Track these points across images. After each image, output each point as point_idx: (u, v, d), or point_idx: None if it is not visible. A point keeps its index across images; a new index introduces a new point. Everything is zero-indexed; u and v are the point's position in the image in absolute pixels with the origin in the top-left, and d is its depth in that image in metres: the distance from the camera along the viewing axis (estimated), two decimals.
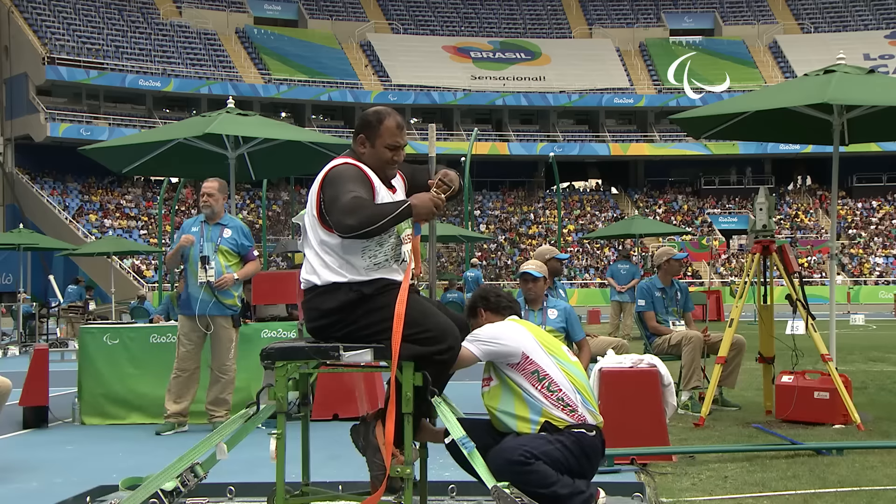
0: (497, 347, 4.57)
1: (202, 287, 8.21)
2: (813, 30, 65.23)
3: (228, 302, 8.32)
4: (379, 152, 4.41)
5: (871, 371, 12.09)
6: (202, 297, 8.22)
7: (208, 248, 8.29)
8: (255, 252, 8.55)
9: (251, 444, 4.77)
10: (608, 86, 60.70)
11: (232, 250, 8.35)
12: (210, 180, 8.47)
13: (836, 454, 6.49)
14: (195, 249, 8.29)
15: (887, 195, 59.63)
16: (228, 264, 8.32)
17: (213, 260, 8.23)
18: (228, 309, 8.32)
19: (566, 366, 4.66)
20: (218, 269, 8.24)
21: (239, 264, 8.41)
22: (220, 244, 8.32)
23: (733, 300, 9.01)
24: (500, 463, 4.40)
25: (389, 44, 61.55)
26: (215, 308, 8.24)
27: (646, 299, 9.26)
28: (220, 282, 8.22)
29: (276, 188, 52.94)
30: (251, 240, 8.52)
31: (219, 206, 8.39)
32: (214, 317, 8.24)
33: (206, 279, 8.19)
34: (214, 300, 8.22)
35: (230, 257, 8.35)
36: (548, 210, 58.60)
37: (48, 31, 53.75)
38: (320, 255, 4.36)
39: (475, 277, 23.72)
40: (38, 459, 7.17)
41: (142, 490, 4.37)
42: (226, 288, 8.26)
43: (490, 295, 4.89)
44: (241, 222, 8.60)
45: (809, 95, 7.96)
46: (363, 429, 4.41)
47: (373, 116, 4.45)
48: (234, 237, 8.36)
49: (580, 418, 4.58)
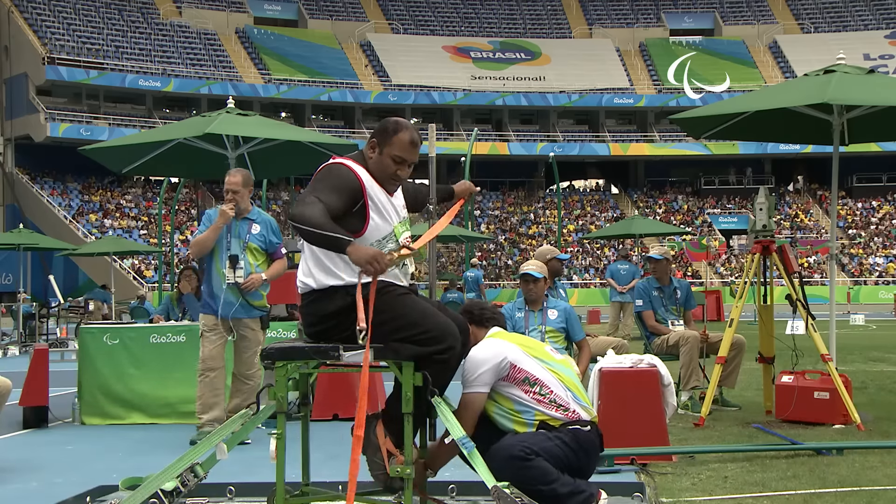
0: (490, 368, 4.60)
1: (228, 288, 7.56)
2: (813, 30, 65.22)
3: (257, 304, 7.71)
4: (384, 162, 4.37)
5: (871, 371, 12.09)
6: (227, 297, 7.55)
7: (236, 246, 7.63)
8: (284, 249, 7.91)
9: (251, 444, 4.77)
10: (608, 86, 60.70)
11: (260, 248, 7.73)
12: (233, 173, 7.77)
13: (836, 454, 6.49)
14: (222, 247, 7.61)
15: (887, 195, 59.62)
16: (257, 263, 7.69)
17: (242, 259, 7.59)
18: (257, 310, 7.72)
19: (553, 366, 4.71)
20: (247, 269, 7.60)
21: (267, 262, 7.80)
22: (248, 241, 7.66)
23: (733, 300, 9.01)
24: (500, 459, 4.42)
25: (389, 44, 61.55)
26: (242, 310, 7.62)
27: (643, 299, 9.27)
28: (248, 283, 7.58)
29: (276, 188, 52.93)
30: (279, 236, 7.90)
31: (245, 202, 7.72)
32: (240, 320, 7.63)
33: (234, 280, 7.55)
34: (241, 301, 7.59)
35: (258, 255, 7.72)
36: (548, 210, 58.60)
37: (48, 31, 53.75)
38: (317, 256, 4.35)
39: (475, 277, 23.72)
40: (38, 459, 7.17)
41: (142, 490, 4.37)
42: (254, 289, 7.64)
43: (474, 308, 4.94)
44: (269, 217, 7.95)
45: (809, 95, 7.96)
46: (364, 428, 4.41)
47: (391, 125, 4.40)
48: (262, 233, 7.73)
49: (574, 415, 4.63)
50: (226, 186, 7.65)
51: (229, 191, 7.63)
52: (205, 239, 7.62)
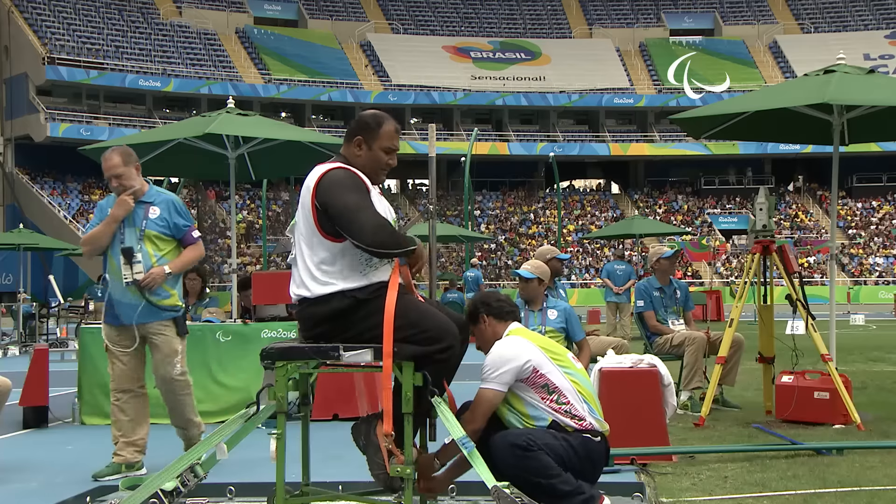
0: (512, 368, 4.59)
1: (127, 288, 6.30)
2: (813, 30, 65.22)
3: (164, 303, 6.38)
4: (376, 155, 4.42)
5: (871, 371, 12.09)
6: (127, 300, 6.32)
7: (131, 237, 6.34)
8: (197, 232, 6.57)
9: (251, 444, 4.77)
10: (608, 86, 60.70)
11: (163, 234, 6.39)
12: (107, 156, 6.37)
13: (836, 454, 6.49)
14: (115, 241, 6.36)
15: (887, 195, 59.63)
16: (161, 254, 6.36)
17: (138, 251, 6.29)
18: (165, 311, 6.40)
19: (573, 374, 4.69)
20: (146, 262, 6.29)
21: (175, 251, 6.45)
22: (146, 228, 6.36)
23: (733, 300, 9.01)
24: (502, 447, 4.43)
25: (389, 44, 61.54)
26: (147, 314, 6.33)
27: (644, 300, 9.27)
28: (148, 279, 6.25)
29: (276, 188, 52.92)
30: (188, 217, 6.56)
31: (134, 181, 6.36)
32: (147, 325, 6.37)
33: (131, 277, 6.25)
34: (144, 303, 6.30)
35: (161, 244, 6.38)
36: (548, 210, 58.60)
37: (48, 31, 53.75)
38: (310, 269, 4.33)
39: (475, 277, 23.73)
40: (38, 459, 7.17)
41: (142, 490, 4.38)
42: (156, 286, 6.30)
43: (492, 300, 4.89)
44: (172, 195, 6.59)
45: (809, 95, 7.96)
46: (364, 428, 4.42)
47: (371, 119, 4.46)
48: (163, 217, 6.39)
49: (587, 426, 4.62)
50: (105, 174, 6.40)
51: (111, 177, 6.35)
52: (96, 235, 6.40)
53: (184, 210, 6.51)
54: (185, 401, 6.55)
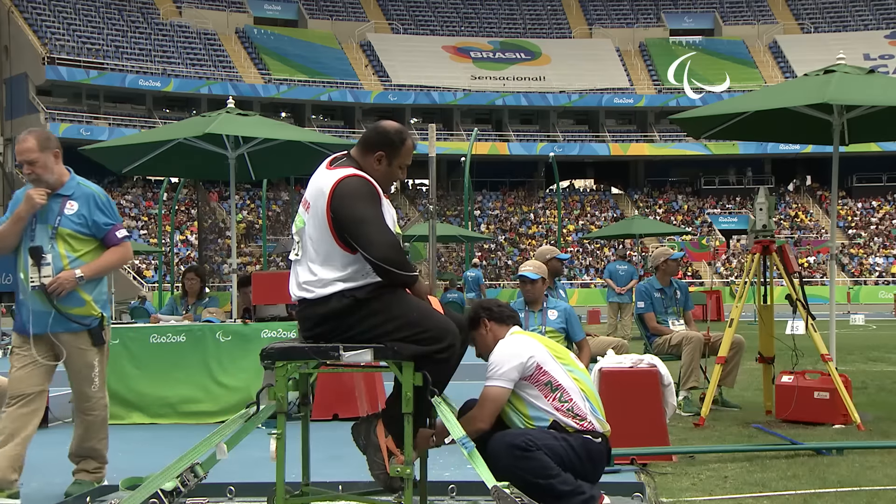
0: (516, 365, 4.60)
1: (34, 293, 5.45)
2: (813, 30, 65.22)
3: (74, 311, 5.51)
4: (394, 172, 4.44)
5: (871, 371, 12.09)
6: (36, 307, 5.47)
7: (42, 235, 5.50)
8: (123, 232, 5.70)
9: (251, 444, 4.77)
10: (608, 86, 60.69)
11: (80, 233, 5.53)
12: (22, 138, 5.51)
13: (836, 454, 6.49)
14: (26, 238, 5.52)
15: (887, 195, 59.62)
16: (76, 255, 5.51)
17: (48, 251, 5.46)
18: (76, 323, 5.54)
19: (576, 374, 4.71)
20: (56, 265, 5.45)
21: (95, 253, 5.58)
22: (59, 225, 5.51)
23: (733, 300, 9.02)
24: (501, 446, 4.43)
25: (389, 44, 61.53)
26: (57, 323, 5.49)
27: (645, 301, 9.27)
28: (54, 284, 5.40)
29: (276, 188, 52.89)
30: (113, 213, 5.67)
31: (51, 171, 5.51)
32: (59, 335, 5.55)
33: (38, 281, 5.42)
34: (54, 313, 5.46)
35: (78, 244, 5.53)
36: (548, 210, 58.60)
37: (48, 31, 53.75)
38: (313, 270, 4.32)
39: (475, 277, 23.73)
40: (38, 459, 7.16)
41: (142, 490, 4.38)
42: (64, 292, 5.44)
43: (493, 306, 4.95)
44: (96, 188, 5.69)
45: (809, 95, 7.96)
46: (364, 428, 4.42)
47: (396, 136, 4.41)
48: (81, 213, 5.53)
49: (589, 426, 4.63)
50: (17, 158, 5.65)
51: (23, 162, 5.51)
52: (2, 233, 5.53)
53: (107, 206, 5.63)
54: (97, 425, 5.76)
